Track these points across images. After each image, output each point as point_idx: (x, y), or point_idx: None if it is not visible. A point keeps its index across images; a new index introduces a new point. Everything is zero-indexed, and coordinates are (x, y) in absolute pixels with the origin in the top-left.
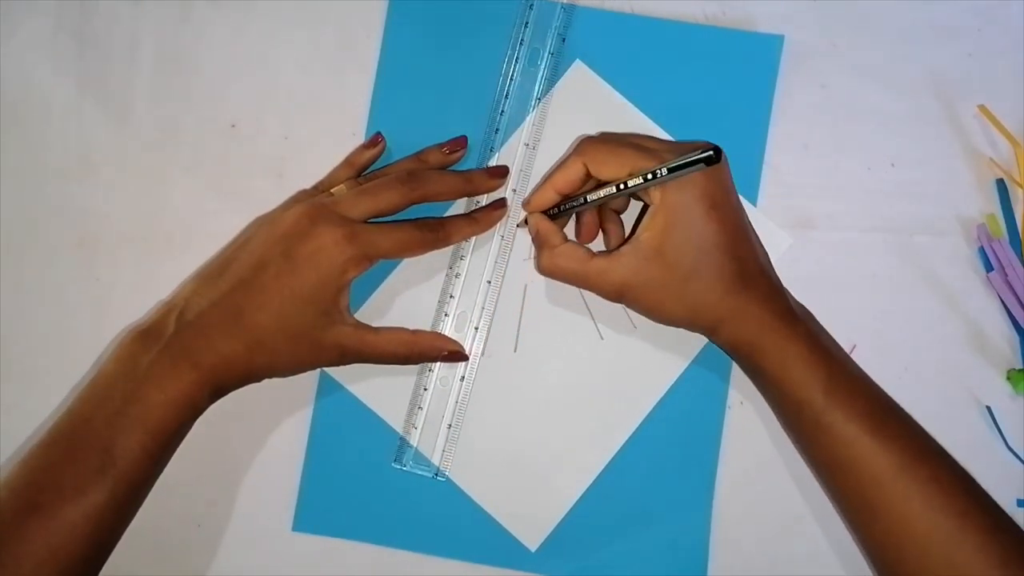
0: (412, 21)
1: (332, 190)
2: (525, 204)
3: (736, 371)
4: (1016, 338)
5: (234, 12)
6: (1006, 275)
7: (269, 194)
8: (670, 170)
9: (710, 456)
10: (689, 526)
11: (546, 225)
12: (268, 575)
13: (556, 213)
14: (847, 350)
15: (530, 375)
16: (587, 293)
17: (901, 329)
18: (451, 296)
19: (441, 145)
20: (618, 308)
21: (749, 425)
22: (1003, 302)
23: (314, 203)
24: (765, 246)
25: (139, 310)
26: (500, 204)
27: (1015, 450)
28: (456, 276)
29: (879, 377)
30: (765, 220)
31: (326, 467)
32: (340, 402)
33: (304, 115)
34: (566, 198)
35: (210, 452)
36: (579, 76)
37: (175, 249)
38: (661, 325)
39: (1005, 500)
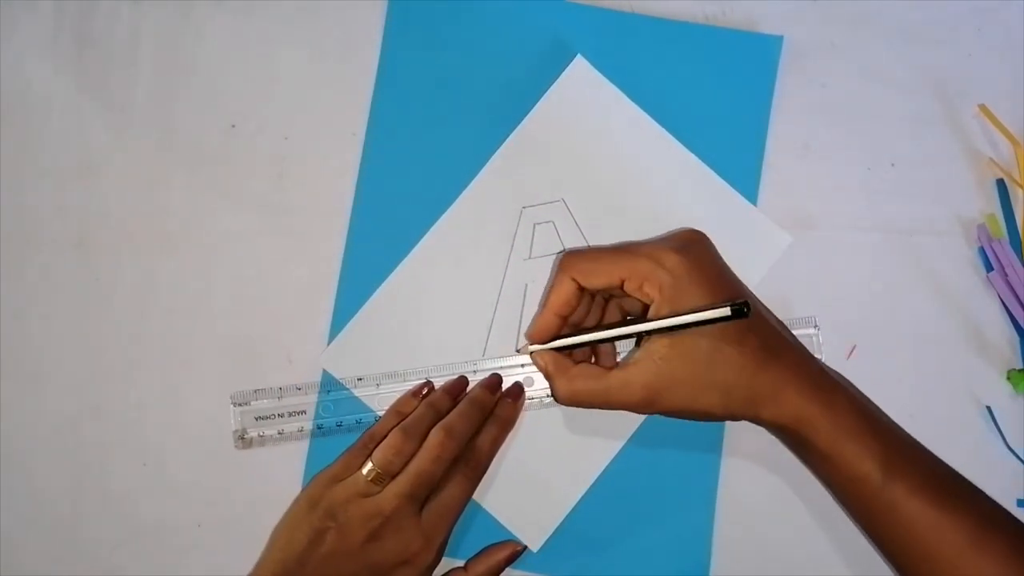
0: (411, 21)
1: (367, 474)
2: (529, 335)
3: None
4: (1016, 338)
5: (234, 12)
6: (1006, 275)
7: (269, 194)
8: (698, 322)
9: (712, 455)
10: (692, 525)
11: (552, 354)
12: None
13: (566, 348)
14: (847, 351)
15: (531, 375)
16: None
17: (901, 329)
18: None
19: (414, 391)
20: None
21: (751, 424)
22: (1003, 302)
23: (376, 509)
24: (765, 246)
25: (139, 310)
26: (519, 391)
27: (1015, 450)
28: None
29: (879, 377)
30: (765, 220)
31: None
32: (341, 401)
33: (304, 115)
34: (566, 321)
35: (210, 453)
36: (580, 72)
37: (175, 249)
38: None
39: (1005, 500)
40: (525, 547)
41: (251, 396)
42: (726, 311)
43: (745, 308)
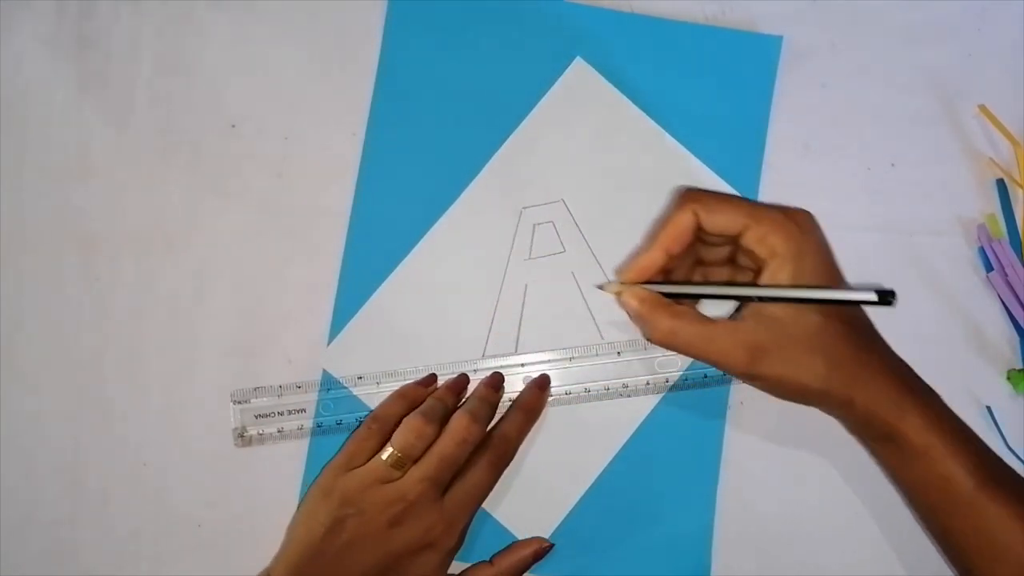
0: (411, 21)
1: (388, 459)
2: (622, 271)
3: None
4: (1016, 338)
5: (234, 12)
6: (1006, 275)
7: (269, 194)
8: (838, 300)
9: (712, 456)
10: (692, 526)
11: (648, 291)
12: None
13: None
14: None
15: (531, 375)
16: (588, 291)
17: (901, 329)
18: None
19: (419, 382)
20: (620, 311)
21: (751, 425)
22: (1003, 302)
23: (397, 494)
24: None
25: (139, 310)
26: (545, 381)
27: (1015, 450)
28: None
29: None
30: None
31: None
32: (341, 399)
33: (304, 115)
34: (672, 261)
35: (210, 452)
36: (579, 73)
37: (175, 249)
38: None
39: None
40: (552, 544)
41: (251, 394)
42: (872, 295)
43: (891, 297)
